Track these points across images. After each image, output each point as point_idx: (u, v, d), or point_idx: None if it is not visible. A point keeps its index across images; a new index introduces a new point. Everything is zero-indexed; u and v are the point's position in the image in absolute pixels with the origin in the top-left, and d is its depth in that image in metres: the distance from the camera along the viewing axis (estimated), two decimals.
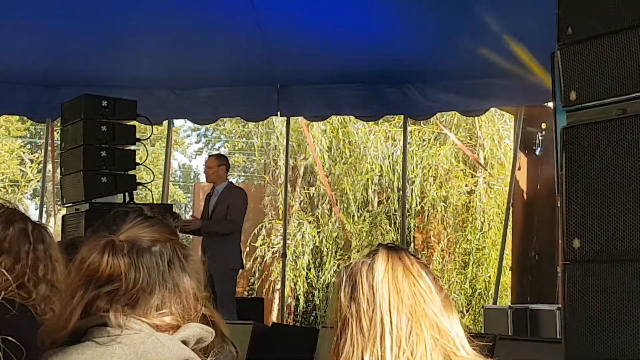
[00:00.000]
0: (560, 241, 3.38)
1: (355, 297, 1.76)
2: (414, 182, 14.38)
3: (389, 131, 15.04)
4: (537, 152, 10.07)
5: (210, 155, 9.20)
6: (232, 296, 8.47)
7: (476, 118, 13.62)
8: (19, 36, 8.00)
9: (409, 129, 10.99)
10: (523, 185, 10.49)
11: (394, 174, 14.80)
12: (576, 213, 3.20)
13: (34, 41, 8.13)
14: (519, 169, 10.14)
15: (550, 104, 7.71)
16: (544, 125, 9.84)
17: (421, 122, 13.80)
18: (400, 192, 14.14)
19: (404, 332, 1.71)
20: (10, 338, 2.23)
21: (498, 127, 14.75)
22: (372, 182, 15.01)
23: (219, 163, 8.62)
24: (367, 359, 1.70)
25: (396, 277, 1.76)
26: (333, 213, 15.48)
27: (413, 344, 1.71)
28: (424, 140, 14.89)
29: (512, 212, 10.39)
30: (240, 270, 9.05)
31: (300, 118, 11.86)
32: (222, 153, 11.80)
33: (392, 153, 14.90)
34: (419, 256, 2.00)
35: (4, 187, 21.24)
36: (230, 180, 8.95)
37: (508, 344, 5.06)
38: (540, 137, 9.98)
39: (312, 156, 15.48)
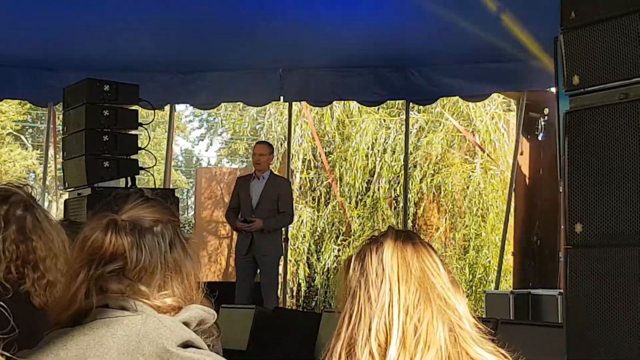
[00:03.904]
0: (562, 226, 3.38)
1: (364, 271, 1.78)
2: (413, 167, 14.34)
3: (385, 120, 14.98)
4: (540, 137, 10.05)
5: (260, 143, 9.25)
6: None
7: (471, 104, 13.57)
8: (20, 19, 7.96)
9: (403, 116, 10.96)
10: (525, 170, 10.48)
11: (385, 161, 14.77)
12: (578, 198, 3.20)
13: (36, 25, 8.07)
14: (521, 154, 10.13)
15: (553, 89, 7.69)
16: (546, 111, 9.83)
17: (415, 110, 13.79)
18: (399, 178, 14.15)
19: (412, 301, 1.74)
20: None
21: (493, 113, 14.69)
22: (369, 168, 14.96)
23: (270, 151, 8.74)
24: (375, 326, 1.71)
25: (405, 251, 1.79)
26: (332, 196, 15.46)
27: (420, 312, 1.73)
28: (414, 128, 14.82)
29: (514, 197, 10.38)
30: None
31: (303, 103, 11.83)
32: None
33: (386, 141, 14.84)
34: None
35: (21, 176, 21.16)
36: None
37: (510, 329, 5.06)
38: (542, 122, 9.97)
39: (312, 139, 15.44)
